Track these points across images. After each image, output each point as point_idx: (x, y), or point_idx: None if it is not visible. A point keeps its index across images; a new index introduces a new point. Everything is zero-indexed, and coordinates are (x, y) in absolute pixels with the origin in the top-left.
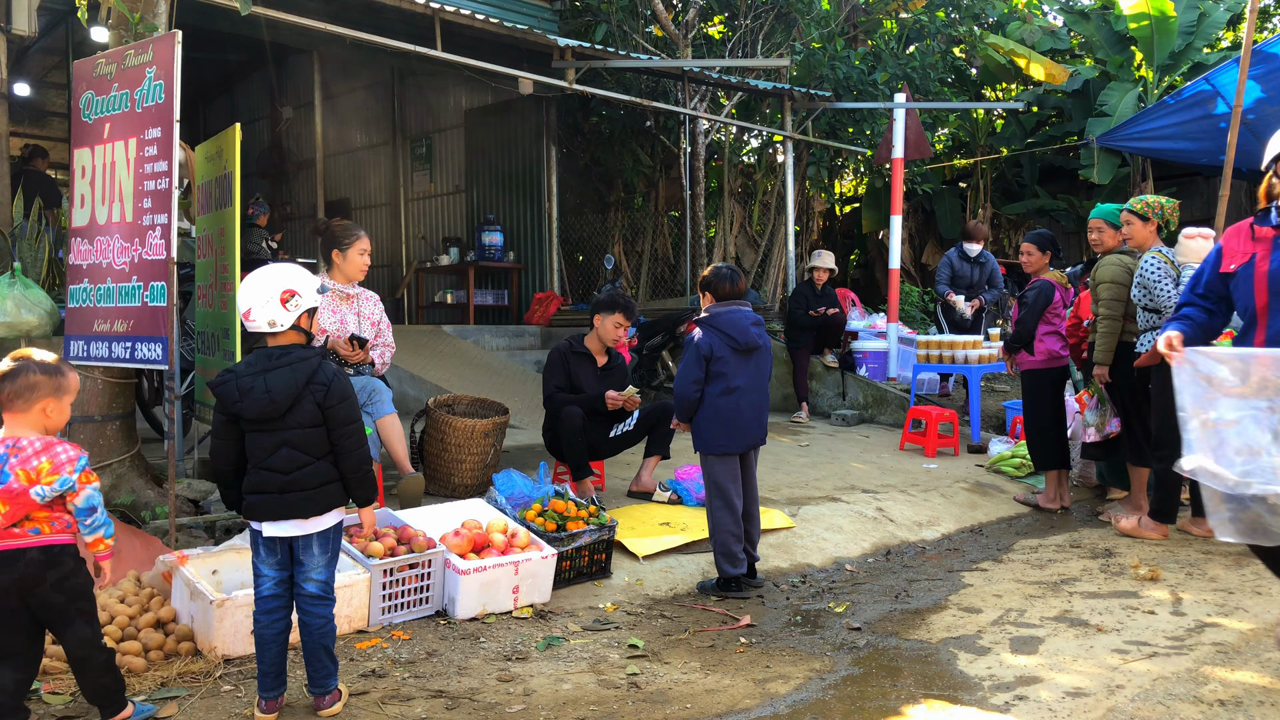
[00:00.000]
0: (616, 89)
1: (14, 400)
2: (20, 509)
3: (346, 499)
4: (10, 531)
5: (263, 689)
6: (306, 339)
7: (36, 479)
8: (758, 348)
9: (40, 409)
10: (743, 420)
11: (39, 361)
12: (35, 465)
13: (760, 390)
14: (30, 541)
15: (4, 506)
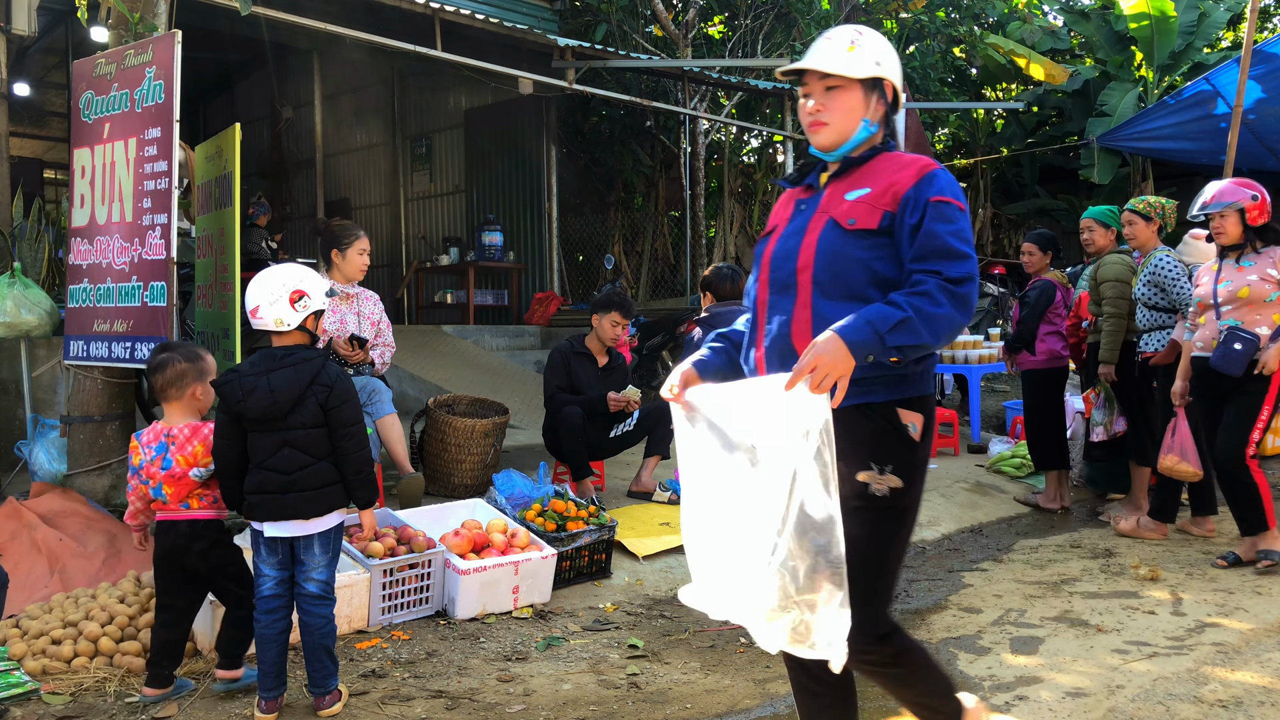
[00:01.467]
0: (616, 89)
1: (168, 389)
2: (184, 489)
3: (347, 500)
4: (167, 506)
5: (263, 689)
6: (311, 340)
7: (194, 461)
8: None
9: (191, 394)
10: None
11: (180, 350)
12: (190, 450)
13: None
14: (180, 515)
15: (170, 489)
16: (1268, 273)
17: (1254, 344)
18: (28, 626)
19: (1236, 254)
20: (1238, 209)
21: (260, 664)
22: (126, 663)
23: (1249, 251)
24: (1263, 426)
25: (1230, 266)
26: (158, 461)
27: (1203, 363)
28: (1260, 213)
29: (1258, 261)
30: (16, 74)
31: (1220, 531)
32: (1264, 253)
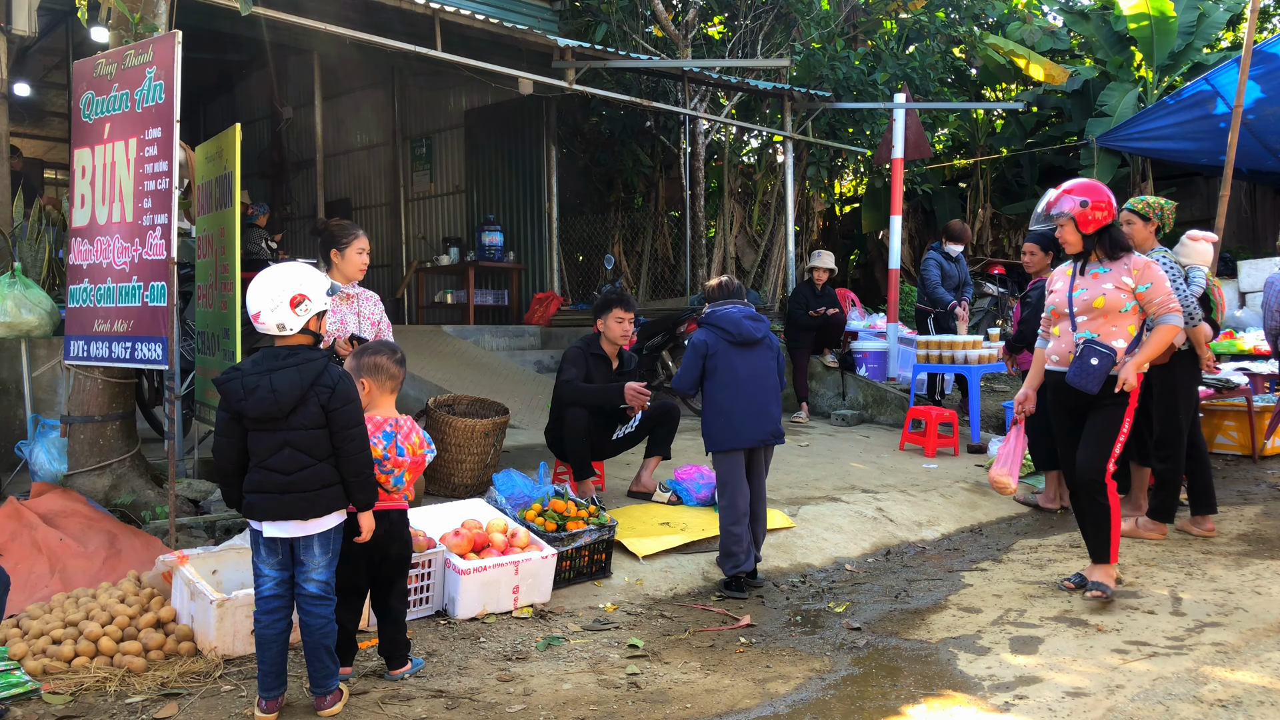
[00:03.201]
0: (616, 89)
1: (388, 383)
2: (418, 471)
3: (347, 502)
4: (391, 495)
5: (263, 688)
6: (315, 340)
7: (419, 449)
8: (756, 341)
9: (392, 386)
10: (739, 413)
11: (388, 345)
12: (413, 440)
13: (763, 385)
14: (394, 505)
15: (409, 475)
16: (1122, 281)
17: (1110, 358)
18: (28, 626)
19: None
20: (1069, 218)
21: (260, 664)
22: (127, 662)
23: (1102, 259)
24: (1124, 441)
25: (1085, 275)
26: (390, 449)
27: (1059, 376)
28: (1089, 221)
29: (1113, 269)
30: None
31: (1220, 531)
32: (1120, 260)
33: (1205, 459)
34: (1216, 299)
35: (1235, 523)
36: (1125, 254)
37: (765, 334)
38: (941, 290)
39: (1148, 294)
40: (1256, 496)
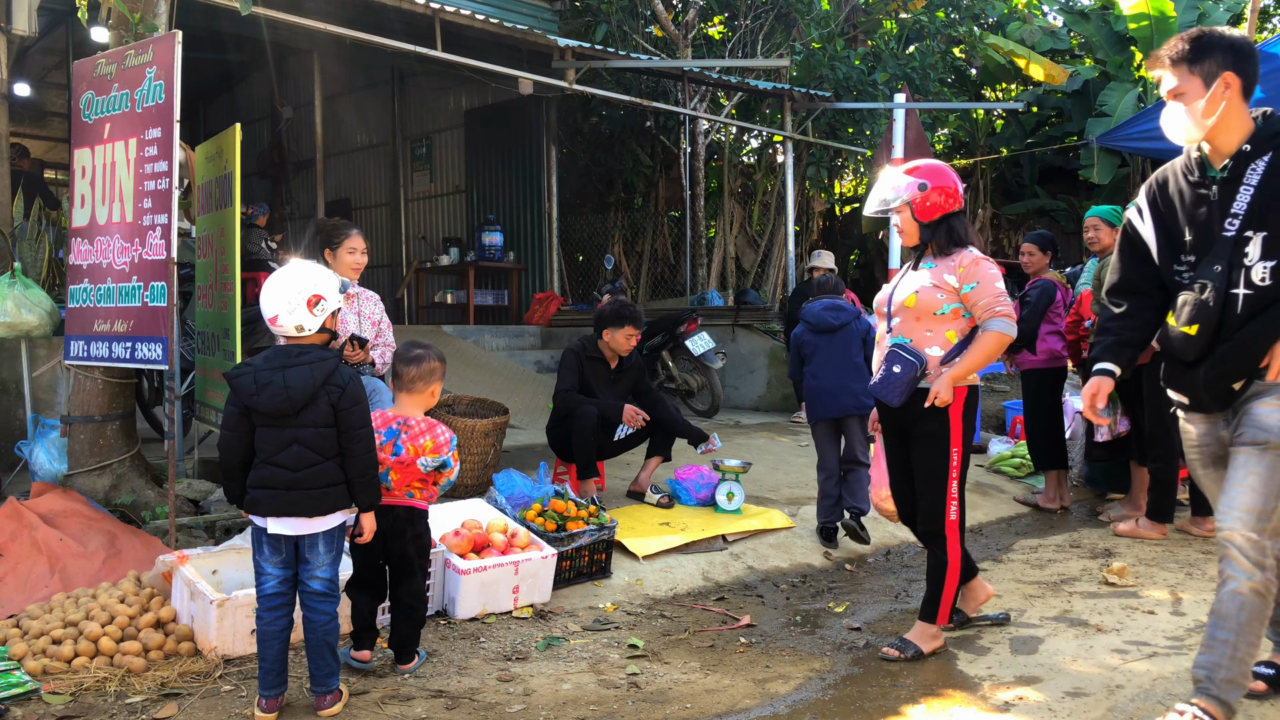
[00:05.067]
0: (616, 89)
1: (416, 383)
2: (408, 476)
3: (350, 501)
4: (391, 492)
5: (263, 687)
6: (331, 338)
7: (422, 452)
8: (834, 328)
9: (431, 391)
10: (822, 390)
11: (433, 348)
12: (422, 443)
13: (841, 365)
14: (402, 502)
15: (396, 475)
16: (944, 279)
17: (914, 367)
18: (28, 626)
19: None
20: (905, 203)
21: (261, 662)
22: (127, 662)
23: (935, 254)
24: (957, 478)
25: (917, 270)
26: (388, 447)
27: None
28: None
29: (939, 265)
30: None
31: None
32: (950, 256)
33: None
34: None
35: None
36: (958, 249)
37: (845, 321)
38: None
39: (972, 295)
40: None
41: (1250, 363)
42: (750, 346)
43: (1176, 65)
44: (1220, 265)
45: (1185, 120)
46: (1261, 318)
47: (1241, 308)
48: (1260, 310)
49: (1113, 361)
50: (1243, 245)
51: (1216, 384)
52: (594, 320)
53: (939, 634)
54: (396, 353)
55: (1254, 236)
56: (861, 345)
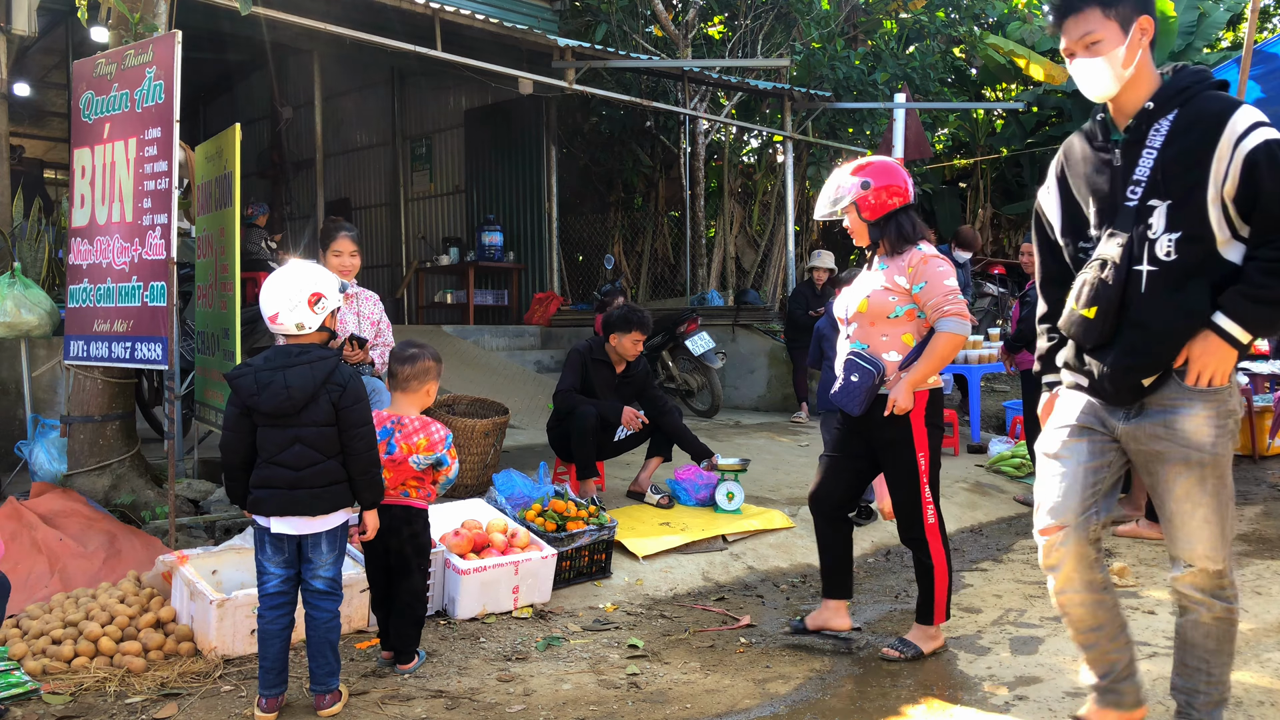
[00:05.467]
0: (616, 89)
1: (410, 381)
2: (400, 475)
3: (353, 500)
4: (387, 492)
5: (264, 686)
6: (330, 336)
7: (416, 450)
8: None
9: (426, 390)
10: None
11: (429, 348)
12: (415, 441)
13: None
14: (398, 501)
15: (389, 474)
16: (895, 280)
17: (872, 374)
18: (28, 626)
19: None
20: (851, 203)
21: (262, 661)
22: (127, 662)
23: (885, 254)
24: (928, 483)
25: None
26: (381, 446)
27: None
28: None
29: (890, 265)
30: (16, 74)
31: None
32: (900, 256)
33: None
34: None
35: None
36: (908, 247)
37: None
38: None
39: (922, 295)
40: (1256, 496)
41: (1163, 357)
42: (750, 346)
43: (1088, 10)
44: (1122, 239)
45: (1106, 72)
46: (1173, 303)
47: (1145, 286)
48: (1166, 289)
49: (1055, 372)
50: (1146, 216)
51: (1124, 377)
52: (602, 323)
53: (938, 634)
54: (392, 352)
55: (1158, 205)
56: None
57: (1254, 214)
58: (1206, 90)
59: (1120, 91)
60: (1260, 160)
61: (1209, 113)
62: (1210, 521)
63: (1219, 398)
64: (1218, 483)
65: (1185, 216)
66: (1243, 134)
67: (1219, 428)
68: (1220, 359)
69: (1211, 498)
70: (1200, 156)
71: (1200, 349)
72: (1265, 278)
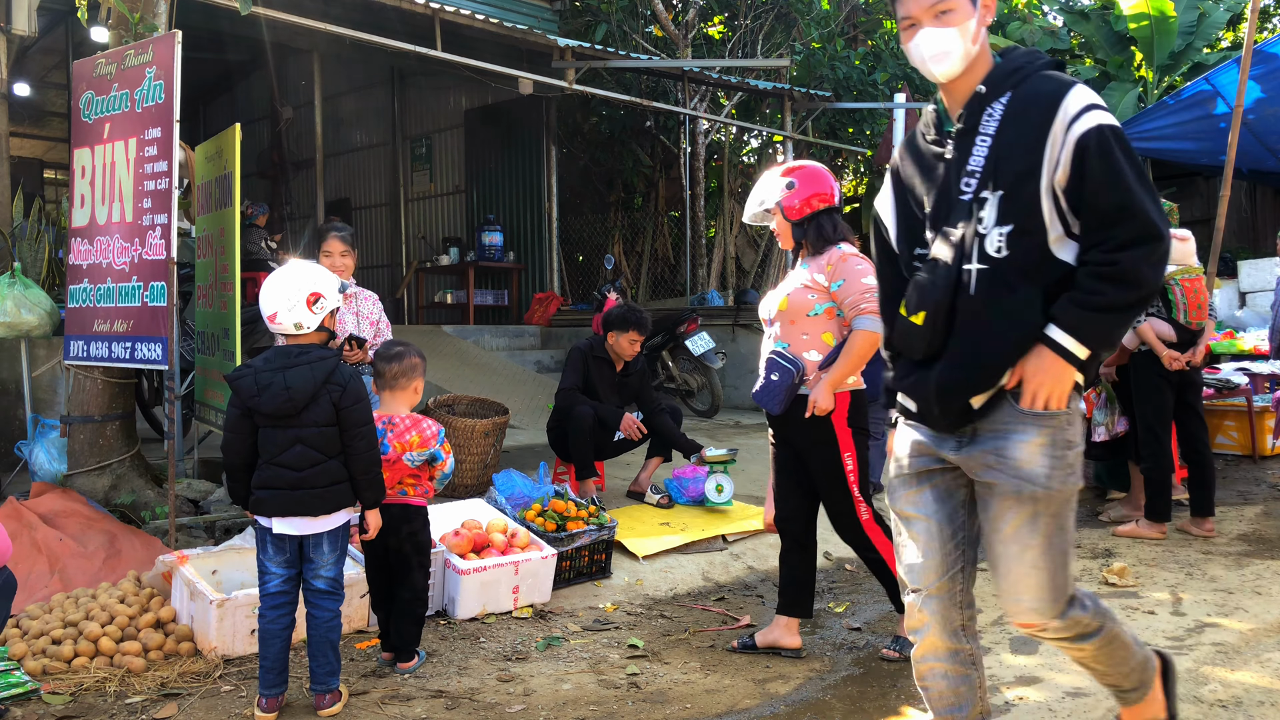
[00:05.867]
0: (616, 89)
1: (399, 379)
2: (396, 474)
3: (354, 499)
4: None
5: (264, 685)
6: (329, 337)
7: (409, 448)
8: None
9: (414, 388)
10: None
11: (413, 346)
12: (408, 438)
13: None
14: (395, 500)
15: (385, 473)
16: (814, 279)
17: (791, 374)
18: (28, 626)
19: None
20: (777, 204)
21: (262, 660)
22: (127, 662)
23: (808, 254)
24: (855, 480)
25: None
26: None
27: None
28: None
29: (810, 265)
30: (16, 74)
31: (1220, 531)
32: (821, 255)
33: (1208, 460)
34: (1177, 298)
35: (1235, 523)
36: (829, 247)
37: None
38: None
39: (840, 293)
40: (1256, 496)
41: (992, 372)
42: (750, 346)
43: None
44: (955, 236)
45: (956, 46)
46: (1002, 308)
47: (975, 287)
48: (996, 291)
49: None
50: (979, 209)
51: (951, 397)
52: (601, 322)
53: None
54: (377, 353)
55: (990, 197)
56: None
57: (1082, 207)
58: (1040, 70)
59: (961, 74)
60: (1090, 145)
61: (1042, 94)
62: (1039, 568)
63: (1055, 424)
64: (1052, 523)
65: (1017, 208)
66: (1074, 116)
67: (1055, 459)
68: (1055, 378)
69: (1042, 539)
70: (1033, 141)
71: (1034, 366)
72: (1097, 283)
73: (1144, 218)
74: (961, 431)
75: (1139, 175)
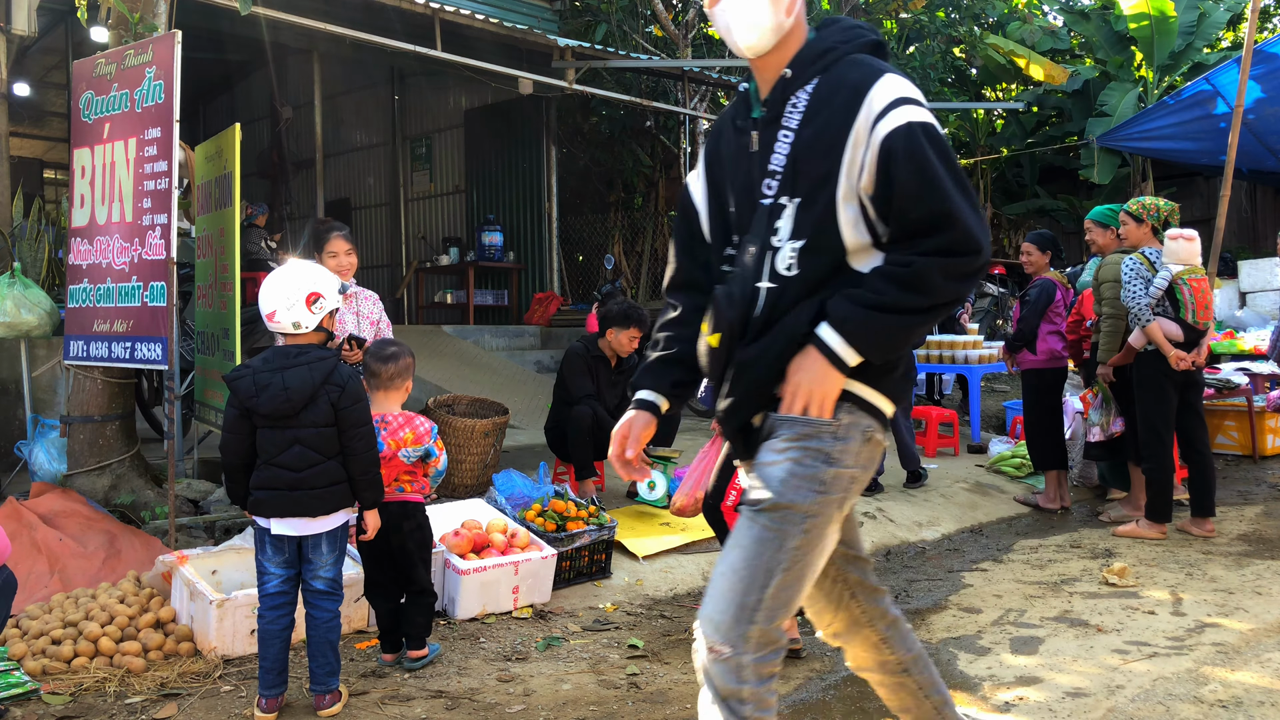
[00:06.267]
0: (616, 89)
1: (395, 379)
2: (392, 471)
3: (353, 500)
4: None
5: (264, 686)
6: (328, 337)
7: (404, 444)
8: None
9: (405, 387)
10: None
11: (404, 345)
12: (402, 436)
13: None
14: (393, 497)
15: (383, 470)
16: None
17: None
18: (28, 626)
19: None
20: None
21: (262, 661)
22: (126, 663)
23: None
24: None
25: None
26: None
27: None
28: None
29: None
30: (16, 74)
31: (1220, 531)
32: None
33: (1208, 460)
34: (1185, 298)
35: (1235, 523)
36: None
37: None
38: None
39: None
40: (1257, 496)
41: (760, 389)
42: None
43: None
44: (754, 247)
45: (765, 14)
46: (783, 331)
47: (762, 308)
48: (783, 314)
49: (653, 389)
50: (776, 218)
51: (730, 417)
52: (600, 317)
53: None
54: (371, 353)
55: (787, 205)
56: None
57: (890, 218)
58: (852, 53)
59: (771, 50)
60: (897, 148)
61: (846, 83)
62: (735, 572)
63: (815, 433)
64: (770, 534)
65: (812, 220)
66: (881, 113)
67: (801, 468)
68: (817, 379)
69: (752, 545)
70: (833, 141)
71: (796, 365)
72: (884, 283)
73: (961, 229)
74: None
75: (957, 181)
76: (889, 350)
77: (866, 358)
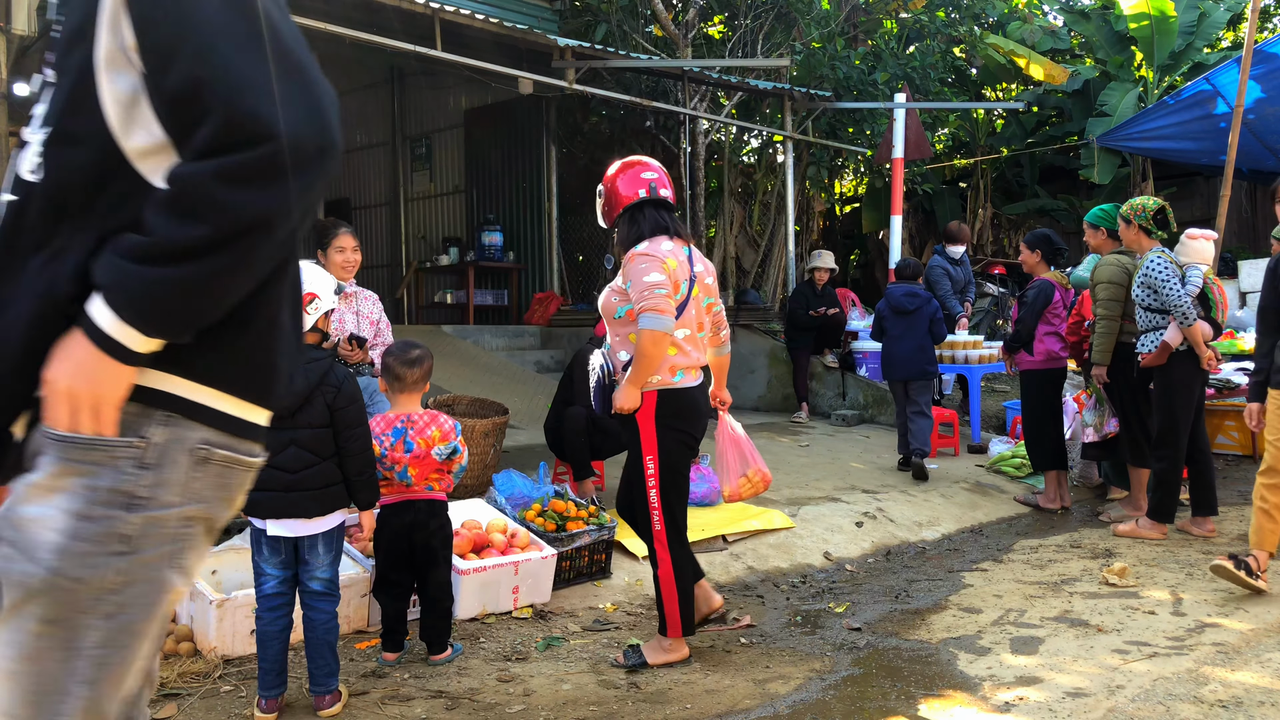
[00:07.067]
0: (616, 89)
1: (420, 381)
2: (425, 469)
3: (349, 501)
4: (412, 488)
5: (263, 687)
6: (323, 338)
7: (433, 443)
8: (910, 311)
9: (425, 387)
10: (896, 359)
11: (425, 346)
12: (429, 434)
13: (914, 340)
14: (421, 495)
15: (414, 470)
16: (618, 281)
17: (601, 374)
18: None
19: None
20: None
21: (261, 662)
22: None
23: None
24: (656, 487)
25: None
26: (399, 446)
27: None
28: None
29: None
30: (17, 74)
31: (1220, 531)
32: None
33: (1209, 461)
34: (1215, 297)
35: (1235, 523)
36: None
37: (918, 305)
38: (954, 301)
39: (631, 293)
40: None
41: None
42: (750, 346)
43: None
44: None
45: None
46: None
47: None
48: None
49: None
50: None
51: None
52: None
53: (675, 646)
54: (393, 355)
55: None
56: (929, 324)
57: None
58: None
59: None
60: None
61: None
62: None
63: (108, 459)
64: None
65: (63, 95)
66: None
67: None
68: (85, 377)
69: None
70: None
71: (57, 358)
72: (157, 215)
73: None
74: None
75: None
76: (188, 320)
77: (162, 337)
